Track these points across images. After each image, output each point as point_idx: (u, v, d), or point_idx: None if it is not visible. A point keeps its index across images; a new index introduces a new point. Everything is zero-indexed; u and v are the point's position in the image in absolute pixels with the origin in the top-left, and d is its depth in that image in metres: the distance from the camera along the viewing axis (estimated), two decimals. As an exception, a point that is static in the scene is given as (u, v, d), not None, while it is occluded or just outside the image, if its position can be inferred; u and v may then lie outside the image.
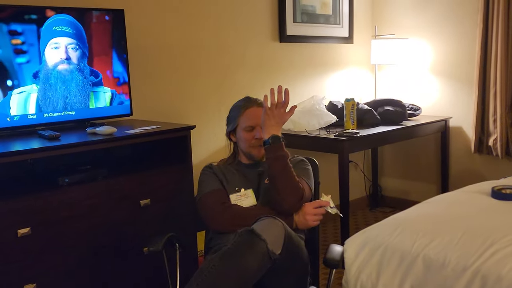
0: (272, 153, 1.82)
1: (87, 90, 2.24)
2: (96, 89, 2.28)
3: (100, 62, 2.28)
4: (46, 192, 1.84)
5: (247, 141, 1.96)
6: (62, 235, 1.86)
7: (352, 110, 3.11)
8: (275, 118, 1.83)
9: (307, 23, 3.48)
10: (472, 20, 3.46)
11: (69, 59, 2.16)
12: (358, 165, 4.00)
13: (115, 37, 2.32)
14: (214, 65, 3.01)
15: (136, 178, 2.08)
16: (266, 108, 1.84)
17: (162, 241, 1.79)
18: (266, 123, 1.84)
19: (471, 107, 3.51)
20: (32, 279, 1.79)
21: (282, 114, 1.85)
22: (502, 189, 1.96)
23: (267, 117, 1.84)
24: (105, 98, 2.31)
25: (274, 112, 1.83)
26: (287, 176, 1.81)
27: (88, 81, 2.24)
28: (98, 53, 2.26)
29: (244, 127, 1.96)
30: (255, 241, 1.53)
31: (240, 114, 1.98)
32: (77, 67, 2.19)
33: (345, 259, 1.69)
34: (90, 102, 2.26)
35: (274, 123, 1.84)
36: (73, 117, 2.22)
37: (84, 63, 2.21)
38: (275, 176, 1.82)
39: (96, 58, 2.26)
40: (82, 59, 2.20)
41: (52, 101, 2.14)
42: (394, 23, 3.88)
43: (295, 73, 3.48)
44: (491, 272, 1.42)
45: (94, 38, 2.24)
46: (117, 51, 2.33)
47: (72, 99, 2.20)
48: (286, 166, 1.81)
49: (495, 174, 2.81)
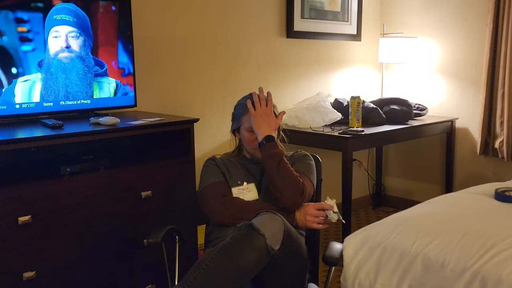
0: (266, 151, 1.83)
1: (89, 80, 2.23)
2: (101, 80, 2.27)
3: (105, 52, 2.27)
4: (48, 181, 1.85)
5: (250, 142, 1.96)
6: (62, 224, 1.86)
7: (357, 108, 3.09)
8: (262, 116, 1.86)
9: (315, 19, 3.47)
10: (482, 20, 3.43)
11: (69, 47, 2.16)
12: (362, 163, 3.99)
13: (121, 27, 2.32)
14: (220, 59, 3.00)
15: (138, 169, 2.08)
16: (251, 110, 1.87)
17: (162, 233, 1.79)
18: (256, 124, 1.87)
19: (477, 108, 3.48)
20: (32, 267, 1.80)
21: (269, 111, 1.87)
22: (506, 191, 1.94)
23: (255, 118, 1.86)
24: (109, 89, 2.31)
25: (259, 110, 1.86)
26: (283, 172, 1.81)
27: (91, 71, 2.24)
28: (103, 43, 2.26)
29: (247, 128, 1.95)
30: (254, 235, 1.53)
31: (244, 113, 1.97)
32: (79, 56, 2.19)
33: (344, 257, 1.69)
34: (94, 92, 2.26)
35: (262, 121, 1.86)
36: (77, 106, 2.22)
37: (87, 52, 2.21)
38: (272, 174, 1.82)
39: (102, 48, 2.26)
40: (85, 48, 2.20)
41: (55, 90, 2.14)
42: (403, 21, 3.85)
43: (301, 69, 3.47)
44: (490, 275, 1.41)
45: (100, 28, 2.24)
46: (123, 41, 2.33)
47: (74, 88, 2.19)
48: (280, 163, 1.82)
49: (500, 177, 2.79)
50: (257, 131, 1.86)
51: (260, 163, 2.00)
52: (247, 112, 1.94)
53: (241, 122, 1.97)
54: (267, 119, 1.86)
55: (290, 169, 1.83)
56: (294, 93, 3.42)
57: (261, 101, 1.87)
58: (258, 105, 1.87)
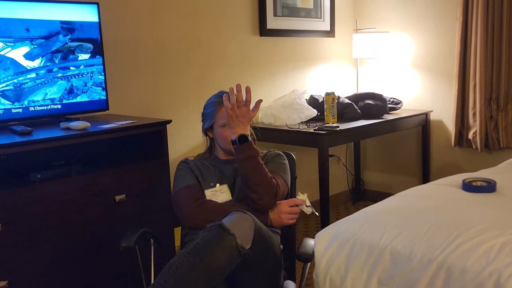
0: (241, 153, 1.79)
1: (60, 84, 2.22)
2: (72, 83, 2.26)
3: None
4: (18, 188, 1.83)
5: (225, 138, 1.95)
6: (34, 231, 1.85)
7: (332, 104, 3.11)
8: (238, 118, 1.78)
9: (288, 17, 3.48)
10: (452, 13, 3.48)
11: (56, 53, 2.16)
12: (341, 159, 4.02)
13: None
14: (193, 60, 2.99)
15: (111, 173, 2.08)
16: (228, 108, 1.78)
17: (135, 237, 1.79)
18: (230, 124, 1.80)
19: (451, 100, 3.53)
20: (4, 276, 1.78)
21: (245, 112, 1.79)
22: (473, 181, 1.98)
23: (230, 118, 1.79)
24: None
25: (236, 111, 1.77)
26: (259, 175, 1.80)
27: (62, 75, 2.22)
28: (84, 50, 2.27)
29: (221, 124, 1.94)
30: (224, 235, 1.53)
31: (217, 110, 1.96)
32: (63, 62, 2.18)
33: (315, 253, 1.70)
34: (64, 96, 2.25)
35: (238, 122, 1.79)
36: (47, 112, 2.20)
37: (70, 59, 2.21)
38: (247, 176, 1.81)
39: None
40: (68, 55, 2.21)
41: (25, 95, 2.12)
42: (376, 17, 3.88)
43: (276, 67, 3.48)
44: (455, 265, 1.43)
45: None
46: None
47: (43, 93, 2.18)
48: (256, 165, 1.80)
49: (475, 167, 2.83)
50: (231, 129, 1.82)
51: (232, 163, 2.00)
52: (220, 109, 1.94)
53: (214, 120, 1.97)
54: (243, 120, 1.80)
55: (265, 171, 1.82)
56: (269, 91, 3.43)
57: (238, 102, 1.78)
58: (235, 106, 1.77)
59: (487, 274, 1.37)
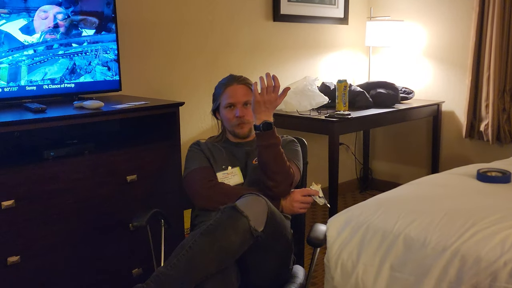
0: (263, 140, 1.80)
1: (74, 63, 2.21)
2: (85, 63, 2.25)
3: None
4: (30, 165, 1.83)
5: (229, 120, 1.97)
6: (46, 208, 1.85)
7: (344, 92, 3.09)
8: (265, 104, 1.80)
9: (302, 3, 3.44)
10: (468, 4, 3.43)
11: (57, 28, 2.10)
12: (350, 147, 4.01)
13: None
14: (206, 43, 2.97)
15: (123, 153, 2.07)
16: (256, 94, 1.80)
17: (147, 217, 1.79)
18: (256, 109, 1.81)
19: (463, 91, 3.50)
20: (16, 252, 1.79)
21: (273, 99, 1.80)
22: (488, 172, 1.97)
23: (257, 104, 1.80)
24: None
25: (264, 97, 1.79)
26: (279, 163, 1.80)
27: (76, 54, 2.21)
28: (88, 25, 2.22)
29: (225, 105, 1.96)
30: (237, 217, 1.53)
31: (221, 92, 1.98)
32: (65, 38, 2.15)
33: (327, 238, 1.70)
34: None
35: (264, 108, 1.80)
36: (60, 90, 2.20)
37: (73, 34, 2.17)
38: (267, 163, 1.81)
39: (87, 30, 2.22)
40: (71, 30, 2.16)
41: (40, 73, 2.11)
42: (390, 5, 3.84)
43: (288, 53, 3.45)
44: (470, 253, 1.43)
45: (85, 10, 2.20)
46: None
47: (59, 72, 2.17)
48: (277, 154, 1.80)
49: (485, 159, 2.81)
50: (256, 114, 1.82)
51: (244, 146, 2.00)
52: (225, 90, 1.96)
53: (219, 101, 1.98)
54: (269, 107, 1.81)
55: (285, 160, 1.82)
56: (281, 77, 3.33)
57: (267, 88, 1.80)
58: (264, 91, 1.80)
59: (502, 263, 1.37)
